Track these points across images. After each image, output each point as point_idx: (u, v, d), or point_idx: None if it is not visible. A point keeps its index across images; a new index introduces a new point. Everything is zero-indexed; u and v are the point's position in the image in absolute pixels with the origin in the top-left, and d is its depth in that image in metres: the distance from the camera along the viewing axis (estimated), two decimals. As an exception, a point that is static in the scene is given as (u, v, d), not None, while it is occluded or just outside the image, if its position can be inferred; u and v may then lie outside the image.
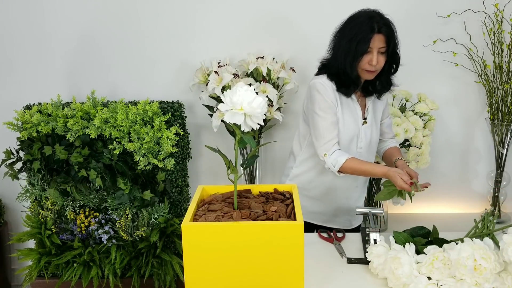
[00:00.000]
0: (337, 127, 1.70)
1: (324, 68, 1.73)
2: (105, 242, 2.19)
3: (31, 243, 2.43)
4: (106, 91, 2.48)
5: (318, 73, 1.74)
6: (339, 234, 1.70)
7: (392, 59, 1.69)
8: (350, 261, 1.49)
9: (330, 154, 1.66)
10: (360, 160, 1.68)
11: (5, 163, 2.16)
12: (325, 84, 1.69)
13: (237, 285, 1.17)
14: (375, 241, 1.51)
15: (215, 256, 1.15)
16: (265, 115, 1.67)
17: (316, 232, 1.72)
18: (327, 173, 1.78)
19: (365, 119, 1.77)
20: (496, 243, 1.31)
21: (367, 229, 1.57)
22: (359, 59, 1.61)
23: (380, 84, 1.73)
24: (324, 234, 1.69)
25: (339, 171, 1.66)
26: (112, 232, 2.21)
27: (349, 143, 1.75)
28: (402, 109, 2.30)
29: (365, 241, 1.58)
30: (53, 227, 2.23)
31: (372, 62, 1.61)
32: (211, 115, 2.29)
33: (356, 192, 1.87)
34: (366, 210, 1.64)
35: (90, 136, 2.07)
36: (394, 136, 1.97)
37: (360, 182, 1.87)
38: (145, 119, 2.11)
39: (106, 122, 2.10)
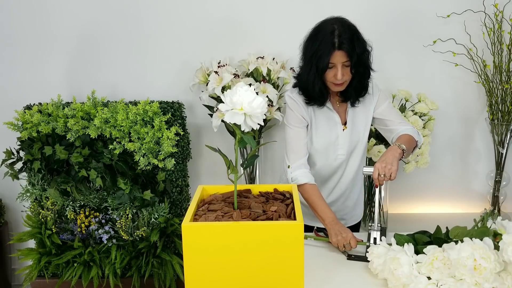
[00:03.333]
0: (304, 139, 1.73)
1: (297, 82, 1.75)
2: (105, 242, 2.19)
3: (31, 243, 2.43)
4: (106, 91, 2.48)
5: (294, 85, 1.76)
6: None
7: (357, 72, 1.63)
8: (350, 257, 1.49)
9: (294, 169, 1.72)
10: (318, 194, 1.69)
11: (6, 163, 2.16)
12: (295, 99, 1.72)
13: (237, 285, 1.17)
14: (375, 239, 1.51)
15: (215, 256, 1.15)
16: (265, 115, 1.67)
17: (312, 231, 1.73)
18: (316, 176, 1.79)
19: (345, 123, 1.75)
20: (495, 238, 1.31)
21: (369, 227, 1.57)
22: (322, 75, 1.61)
23: (353, 91, 1.70)
24: (321, 233, 1.70)
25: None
26: (112, 232, 2.21)
27: (326, 151, 1.76)
28: (402, 109, 2.30)
29: (369, 240, 1.58)
30: (53, 227, 2.23)
31: (337, 76, 1.59)
32: (211, 115, 2.29)
33: (344, 196, 1.87)
34: (371, 169, 1.60)
35: (90, 136, 2.07)
36: (402, 120, 1.79)
37: (351, 190, 1.86)
38: (145, 119, 2.11)
39: (106, 122, 2.10)
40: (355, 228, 1.95)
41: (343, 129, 1.74)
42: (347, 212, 1.90)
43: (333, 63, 1.59)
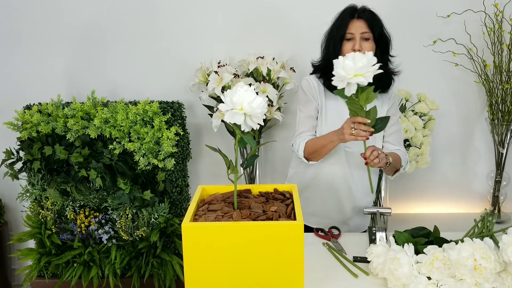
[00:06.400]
0: (313, 120, 1.74)
1: (315, 68, 1.77)
2: (105, 242, 2.19)
3: (31, 243, 2.43)
4: (106, 91, 2.48)
5: (312, 72, 1.80)
6: (335, 232, 1.70)
7: (380, 43, 1.63)
8: (356, 259, 1.49)
9: (296, 144, 1.72)
10: (317, 137, 1.70)
11: (5, 163, 2.16)
12: (310, 80, 1.75)
13: (237, 285, 1.17)
14: (380, 240, 1.51)
15: (215, 256, 1.15)
16: (265, 115, 1.66)
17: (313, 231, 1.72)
18: (321, 174, 1.77)
19: None
20: (496, 243, 1.31)
21: (374, 229, 1.57)
22: (341, 44, 1.62)
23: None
24: (321, 233, 1.70)
25: (305, 158, 1.70)
26: (112, 232, 2.21)
27: None
28: (402, 109, 2.30)
29: (372, 241, 1.58)
30: (53, 227, 2.23)
31: (355, 47, 1.60)
32: (211, 115, 2.29)
33: (351, 195, 1.81)
34: (373, 209, 1.63)
35: (90, 136, 2.07)
36: (400, 149, 1.75)
37: (356, 186, 1.79)
38: (145, 119, 2.11)
39: (106, 122, 2.10)
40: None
41: None
42: (351, 217, 1.84)
43: (352, 33, 1.60)
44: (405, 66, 2.43)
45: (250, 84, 2.14)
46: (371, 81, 1.28)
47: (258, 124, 1.17)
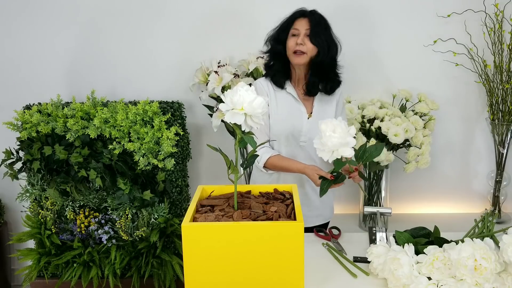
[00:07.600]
0: (266, 127, 1.80)
1: (267, 70, 1.85)
2: (105, 242, 2.19)
3: (31, 243, 2.43)
4: (106, 91, 2.47)
5: (264, 74, 1.88)
6: (335, 232, 1.71)
7: (319, 45, 1.71)
8: (356, 259, 1.49)
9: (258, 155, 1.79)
10: (283, 157, 1.77)
11: (5, 163, 2.16)
12: (261, 84, 1.83)
13: (237, 285, 1.17)
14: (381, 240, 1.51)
15: (215, 256, 1.15)
16: (265, 115, 1.69)
17: (312, 232, 1.73)
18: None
19: (311, 113, 1.82)
20: (497, 243, 1.31)
21: (374, 229, 1.57)
22: (286, 37, 1.72)
23: (320, 78, 1.77)
24: (321, 233, 1.70)
25: (264, 167, 1.78)
26: (112, 232, 2.20)
27: (290, 137, 1.81)
28: (402, 109, 2.30)
29: (372, 241, 1.58)
30: (53, 227, 2.23)
31: (298, 41, 1.69)
32: (211, 115, 2.29)
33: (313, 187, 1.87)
34: (374, 209, 1.64)
35: (90, 136, 2.07)
36: None
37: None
38: (145, 119, 2.11)
39: (106, 122, 2.10)
40: (323, 227, 1.94)
41: (308, 117, 1.81)
42: (311, 209, 1.89)
43: (297, 29, 1.70)
44: (406, 66, 2.44)
45: (250, 84, 2.13)
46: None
47: (259, 124, 1.17)
